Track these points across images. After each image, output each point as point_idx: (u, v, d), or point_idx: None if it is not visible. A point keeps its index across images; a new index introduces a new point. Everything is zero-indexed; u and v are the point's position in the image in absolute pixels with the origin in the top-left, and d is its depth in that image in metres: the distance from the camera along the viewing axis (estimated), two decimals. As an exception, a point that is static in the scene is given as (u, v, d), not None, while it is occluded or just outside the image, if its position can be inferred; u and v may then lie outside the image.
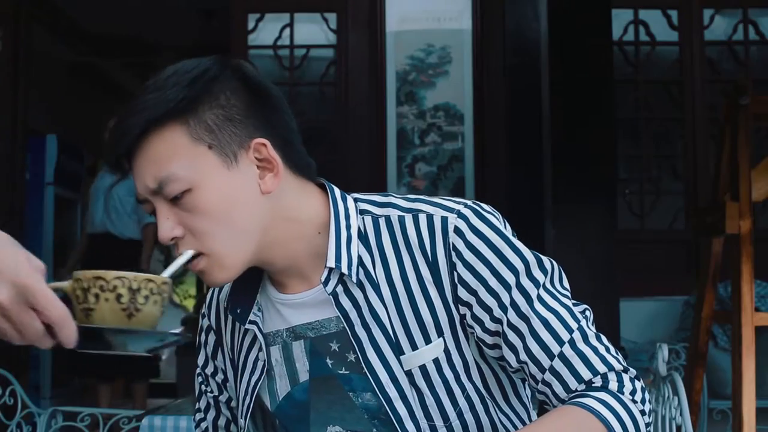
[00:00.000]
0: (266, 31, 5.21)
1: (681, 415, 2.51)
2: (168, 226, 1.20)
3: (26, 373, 5.50)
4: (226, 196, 1.20)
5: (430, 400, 1.24)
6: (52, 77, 7.38)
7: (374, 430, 1.26)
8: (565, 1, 3.55)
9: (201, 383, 1.44)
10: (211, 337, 1.41)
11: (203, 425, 1.44)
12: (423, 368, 1.24)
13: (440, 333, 1.24)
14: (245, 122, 1.21)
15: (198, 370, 1.43)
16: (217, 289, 1.40)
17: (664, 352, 2.80)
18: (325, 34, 5.22)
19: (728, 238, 3.30)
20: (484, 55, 4.96)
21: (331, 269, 1.24)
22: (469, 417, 1.25)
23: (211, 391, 1.42)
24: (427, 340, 1.23)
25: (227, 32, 5.28)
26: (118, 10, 6.76)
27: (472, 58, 4.99)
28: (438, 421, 1.24)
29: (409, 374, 1.24)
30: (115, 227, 5.31)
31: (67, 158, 6.50)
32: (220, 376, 1.41)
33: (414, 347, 1.23)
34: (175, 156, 1.18)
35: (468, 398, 1.25)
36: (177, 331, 1.18)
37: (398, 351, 1.24)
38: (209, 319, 1.41)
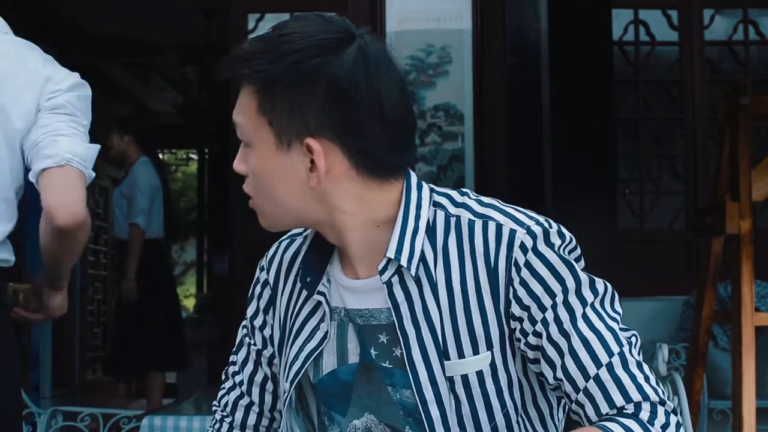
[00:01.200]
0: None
1: (681, 415, 2.51)
2: (239, 160, 1.27)
3: (26, 373, 5.49)
4: (270, 171, 1.23)
5: (466, 409, 1.22)
6: (52, 77, 7.36)
7: (407, 427, 1.26)
8: (565, 1, 3.55)
9: (245, 335, 1.42)
10: (267, 292, 1.39)
11: (237, 378, 1.42)
12: (465, 378, 1.22)
13: (489, 346, 1.22)
14: (312, 120, 1.20)
15: (245, 322, 1.42)
16: (282, 246, 1.40)
17: (664, 352, 2.79)
18: (325, 34, 5.21)
19: (728, 238, 3.29)
20: (484, 55, 4.95)
21: (389, 260, 1.23)
22: None
23: (255, 344, 1.40)
24: (476, 351, 1.22)
25: (227, 32, 5.27)
26: (118, 10, 6.75)
27: (472, 58, 4.98)
28: (471, 431, 1.22)
29: (450, 380, 1.22)
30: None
31: (67, 158, 6.48)
32: (268, 331, 1.39)
33: (461, 355, 1.22)
34: (245, 113, 1.24)
35: (506, 415, 1.23)
36: None
37: (444, 356, 1.22)
38: (268, 273, 1.40)
